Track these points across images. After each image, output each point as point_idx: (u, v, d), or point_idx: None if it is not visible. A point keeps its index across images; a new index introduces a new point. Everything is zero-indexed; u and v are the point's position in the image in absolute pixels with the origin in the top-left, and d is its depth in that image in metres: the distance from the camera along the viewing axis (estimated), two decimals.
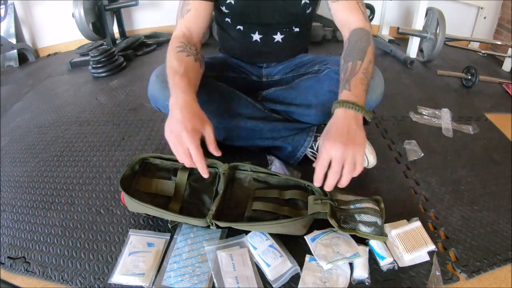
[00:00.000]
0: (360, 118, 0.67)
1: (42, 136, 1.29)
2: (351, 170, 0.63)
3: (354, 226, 0.72)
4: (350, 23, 0.84)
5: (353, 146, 0.62)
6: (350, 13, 0.84)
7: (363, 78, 0.73)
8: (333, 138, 0.63)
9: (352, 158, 0.62)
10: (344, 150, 0.61)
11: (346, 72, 0.75)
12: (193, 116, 0.67)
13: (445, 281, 0.69)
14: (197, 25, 0.86)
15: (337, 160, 0.62)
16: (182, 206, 0.80)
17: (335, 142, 0.62)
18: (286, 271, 0.69)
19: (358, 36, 0.80)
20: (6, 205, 0.95)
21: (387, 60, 1.90)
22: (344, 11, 0.85)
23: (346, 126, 0.65)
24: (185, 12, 0.84)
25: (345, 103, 0.67)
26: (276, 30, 0.96)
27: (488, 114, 1.34)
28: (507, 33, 2.05)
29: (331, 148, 0.63)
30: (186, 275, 0.69)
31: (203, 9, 0.85)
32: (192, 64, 0.79)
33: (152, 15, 2.42)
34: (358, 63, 0.74)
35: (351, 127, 0.65)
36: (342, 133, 0.64)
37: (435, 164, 1.03)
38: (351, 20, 0.84)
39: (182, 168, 0.85)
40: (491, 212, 0.86)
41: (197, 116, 0.68)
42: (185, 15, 0.85)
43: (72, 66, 2.00)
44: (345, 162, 0.62)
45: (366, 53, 0.76)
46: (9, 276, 0.75)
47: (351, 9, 0.83)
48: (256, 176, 0.85)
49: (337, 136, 0.63)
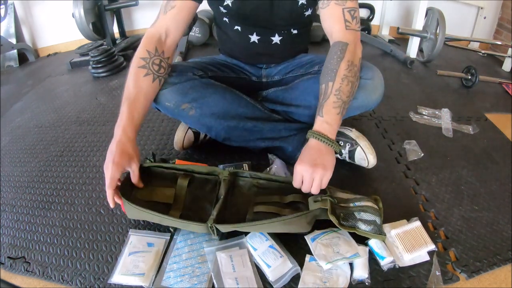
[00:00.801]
0: (329, 149, 0.76)
1: (42, 136, 1.29)
2: (317, 186, 0.73)
3: (354, 224, 0.72)
4: (332, 33, 0.85)
5: (322, 170, 0.72)
6: (332, 23, 0.84)
7: (336, 101, 0.77)
8: (303, 163, 0.73)
9: (319, 178, 0.72)
10: (312, 172, 0.72)
11: (321, 95, 0.80)
12: (122, 154, 0.76)
13: (445, 281, 0.69)
14: (177, 24, 0.86)
15: (307, 179, 0.73)
16: (182, 214, 0.79)
17: (306, 166, 0.72)
18: (287, 271, 0.69)
19: (332, 53, 0.81)
20: (6, 205, 0.95)
21: (387, 60, 1.90)
22: (328, 20, 0.85)
23: (316, 154, 0.74)
24: (169, 8, 0.85)
25: (318, 136, 0.75)
26: (274, 32, 0.96)
27: (488, 114, 1.34)
28: (507, 33, 2.05)
29: (302, 170, 0.73)
30: (186, 276, 0.69)
31: (187, 8, 0.85)
32: (146, 87, 0.82)
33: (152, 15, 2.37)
34: (329, 84, 0.78)
35: (321, 154, 0.74)
36: (312, 159, 0.73)
37: (435, 164, 1.03)
38: (333, 30, 0.84)
39: (182, 176, 0.85)
40: (491, 212, 0.86)
41: (125, 154, 0.77)
42: (168, 12, 0.85)
43: (72, 66, 2.00)
44: (313, 181, 0.72)
45: (337, 71, 0.78)
46: (9, 276, 0.75)
47: (334, 18, 0.83)
48: (256, 182, 0.85)
49: (308, 161, 0.73)
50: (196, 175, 0.86)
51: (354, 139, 0.94)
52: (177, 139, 1.03)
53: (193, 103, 0.89)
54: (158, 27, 0.85)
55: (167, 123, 1.28)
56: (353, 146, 0.93)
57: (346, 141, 0.94)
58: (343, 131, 0.96)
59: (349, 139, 0.94)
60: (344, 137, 0.95)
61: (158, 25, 0.85)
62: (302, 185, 0.74)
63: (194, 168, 0.86)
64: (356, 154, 0.94)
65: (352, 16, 0.83)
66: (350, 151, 0.94)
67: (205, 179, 0.86)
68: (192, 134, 1.04)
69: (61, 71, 2.00)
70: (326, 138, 0.75)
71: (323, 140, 0.75)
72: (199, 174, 0.87)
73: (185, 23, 0.88)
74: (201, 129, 0.97)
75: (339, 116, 0.77)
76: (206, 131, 0.97)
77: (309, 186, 0.73)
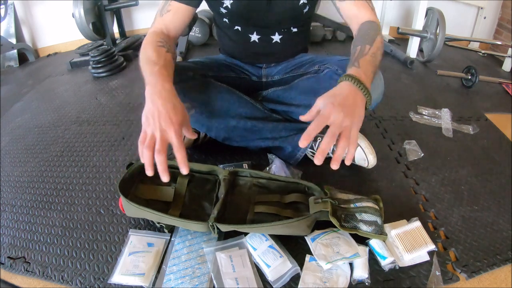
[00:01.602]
0: (363, 99, 0.65)
1: (42, 136, 1.29)
2: (347, 139, 0.60)
3: (355, 225, 0.72)
4: (359, 17, 0.84)
5: (352, 118, 0.61)
6: (359, 10, 0.84)
7: (372, 60, 0.72)
8: (337, 103, 0.61)
9: (348, 130, 0.60)
10: (344, 118, 0.59)
11: (355, 54, 0.73)
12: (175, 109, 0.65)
13: (445, 281, 0.69)
14: (174, 25, 0.86)
15: (335, 125, 0.60)
16: (181, 213, 0.79)
17: (338, 107, 0.60)
18: (287, 271, 0.69)
19: (368, 26, 0.81)
20: (6, 205, 0.95)
21: (387, 60, 1.89)
22: (353, 8, 0.85)
23: (351, 99, 0.63)
24: (165, 12, 0.85)
25: (353, 79, 0.64)
26: (274, 31, 0.96)
27: (488, 114, 1.34)
28: (507, 33, 2.05)
29: (332, 112, 0.60)
30: (187, 277, 0.69)
31: (182, 12, 0.85)
32: (170, 60, 0.77)
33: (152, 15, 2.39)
34: (367, 46, 0.73)
35: (355, 101, 0.63)
36: (346, 102, 0.62)
37: (435, 164, 1.03)
38: (360, 14, 0.84)
39: (182, 174, 0.85)
40: (491, 212, 0.86)
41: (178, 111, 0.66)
42: (164, 15, 0.85)
43: (72, 66, 2.00)
44: (342, 132, 0.60)
45: (375, 40, 0.76)
46: (9, 276, 0.75)
47: (360, 6, 0.84)
48: (256, 181, 0.85)
49: (341, 103, 0.61)
50: (196, 174, 0.87)
51: None
52: None
53: (193, 103, 0.89)
54: (158, 28, 0.85)
55: None
56: None
57: None
58: None
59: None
60: None
61: (158, 26, 0.85)
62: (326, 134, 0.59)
63: (193, 166, 0.86)
64: (356, 154, 0.94)
65: (372, 4, 0.85)
66: None
67: (205, 178, 0.87)
68: None
69: (61, 71, 1.99)
70: (362, 84, 0.64)
71: (359, 85, 0.64)
72: (199, 173, 0.87)
73: (182, 25, 0.88)
74: (201, 128, 0.97)
75: (372, 76, 0.70)
76: (206, 130, 0.97)
77: (335, 135, 0.59)
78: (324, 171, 0.96)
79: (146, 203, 0.78)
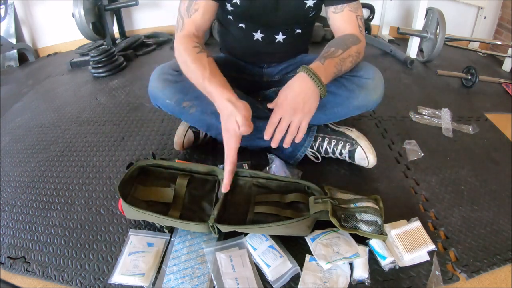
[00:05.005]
0: (315, 90, 0.74)
1: (42, 136, 1.29)
2: (293, 132, 0.74)
3: (355, 225, 0.72)
4: (346, 30, 0.88)
5: (301, 113, 0.73)
6: (345, 23, 0.88)
7: (338, 64, 0.79)
8: (287, 102, 0.74)
9: (298, 122, 0.73)
10: (292, 114, 0.73)
11: (326, 52, 0.80)
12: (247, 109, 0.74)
13: (445, 281, 0.69)
14: (205, 24, 0.87)
15: (285, 121, 0.74)
16: (181, 214, 0.79)
17: (287, 106, 0.73)
18: (286, 271, 0.69)
19: (349, 36, 0.86)
20: (6, 205, 0.95)
21: (387, 60, 1.89)
22: (340, 21, 0.88)
23: (302, 94, 0.74)
24: (193, 11, 0.85)
25: (310, 72, 0.74)
26: (278, 30, 0.96)
27: (488, 114, 1.34)
28: (507, 33, 2.05)
29: (282, 110, 0.74)
30: (187, 277, 0.69)
31: (210, 8, 0.86)
32: (211, 61, 0.81)
33: (152, 15, 2.42)
34: (339, 51, 0.80)
35: (306, 96, 0.74)
36: (296, 100, 0.73)
37: (435, 164, 1.03)
38: (347, 28, 0.88)
39: (182, 175, 0.85)
40: (491, 212, 0.86)
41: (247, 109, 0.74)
42: (192, 15, 0.85)
43: (72, 66, 2.00)
44: (291, 124, 0.73)
45: (350, 48, 0.81)
46: (9, 276, 0.75)
47: (349, 21, 0.88)
48: (256, 181, 0.85)
49: (291, 102, 0.74)
50: (195, 175, 0.86)
51: (354, 139, 0.94)
52: (177, 139, 1.03)
53: (194, 101, 0.89)
54: (189, 30, 0.85)
55: (167, 123, 1.28)
56: (353, 146, 0.93)
57: (346, 141, 0.94)
58: (343, 131, 0.96)
59: (349, 139, 0.94)
60: (344, 137, 0.95)
61: (188, 29, 0.85)
62: (277, 128, 0.74)
63: (192, 167, 0.86)
64: (356, 154, 0.94)
65: (362, 24, 0.89)
66: (350, 151, 0.94)
67: (204, 179, 0.86)
68: (192, 134, 1.04)
69: (61, 71, 1.99)
70: (317, 78, 0.74)
71: (314, 79, 0.73)
72: (198, 174, 0.87)
73: (210, 22, 0.89)
74: (201, 127, 0.97)
75: (333, 76, 0.79)
76: (206, 129, 0.97)
77: (283, 130, 0.74)
78: (324, 171, 0.97)
79: (145, 204, 0.78)
